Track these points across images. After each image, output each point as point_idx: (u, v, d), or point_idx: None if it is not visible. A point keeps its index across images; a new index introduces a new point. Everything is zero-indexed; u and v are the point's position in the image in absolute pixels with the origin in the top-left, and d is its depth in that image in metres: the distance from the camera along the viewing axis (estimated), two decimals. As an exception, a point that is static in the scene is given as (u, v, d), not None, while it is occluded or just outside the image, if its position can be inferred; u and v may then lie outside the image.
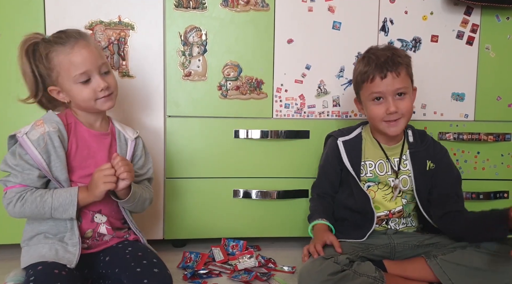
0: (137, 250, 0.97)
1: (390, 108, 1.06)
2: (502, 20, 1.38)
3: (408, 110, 1.09)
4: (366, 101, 1.12)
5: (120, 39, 1.25)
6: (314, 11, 1.32)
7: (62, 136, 0.95)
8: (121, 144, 1.05)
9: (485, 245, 1.02)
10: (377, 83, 1.07)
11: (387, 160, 1.14)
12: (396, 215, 1.15)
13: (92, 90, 0.97)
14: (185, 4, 1.27)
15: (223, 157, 1.33)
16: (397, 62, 1.07)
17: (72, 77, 0.95)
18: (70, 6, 1.22)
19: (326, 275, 0.95)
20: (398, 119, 1.08)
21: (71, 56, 0.95)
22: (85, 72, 0.96)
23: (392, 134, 1.10)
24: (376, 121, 1.11)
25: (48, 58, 0.96)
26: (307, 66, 1.34)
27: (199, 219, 1.34)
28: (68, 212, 0.92)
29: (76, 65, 0.95)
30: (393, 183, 1.13)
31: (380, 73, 1.06)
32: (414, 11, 1.35)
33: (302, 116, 1.35)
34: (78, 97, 0.98)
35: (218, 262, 1.23)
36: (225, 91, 1.31)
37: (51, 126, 0.94)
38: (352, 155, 1.15)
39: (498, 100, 1.41)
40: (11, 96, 1.21)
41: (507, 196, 1.42)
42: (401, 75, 1.07)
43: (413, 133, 1.17)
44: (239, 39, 1.30)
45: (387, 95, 1.07)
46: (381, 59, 1.08)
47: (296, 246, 1.40)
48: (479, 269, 0.99)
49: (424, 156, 1.14)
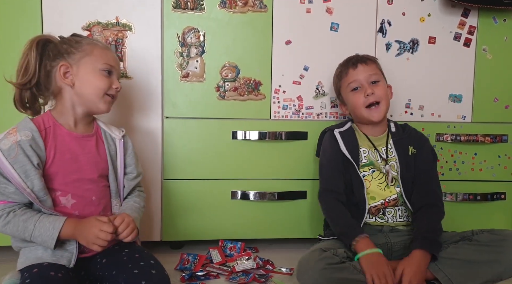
0: (134, 251, 0.96)
1: (367, 90, 1.17)
2: (499, 22, 1.39)
3: (385, 94, 1.19)
4: (346, 95, 1.23)
5: (117, 40, 1.25)
6: (312, 12, 1.32)
7: (36, 144, 0.91)
8: (110, 145, 1.04)
9: (476, 237, 1.05)
10: (351, 74, 1.20)
11: (375, 150, 1.20)
12: (391, 203, 1.17)
13: (109, 83, 1.00)
14: (183, 5, 1.27)
15: (221, 158, 1.33)
16: (365, 58, 1.22)
17: (100, 64, 0.98)
18: (67, 7, 1.22)
19: (324, 264, 0.97)
20: (378, 103, 1.18)
21: (106, 51, 1.01)
22: (112, 67, 1.01)
23: (376, 119, 1.18)
24: (359, 109, 1.19)
25: (78, 42, 0.98)
26: (305, 68, 1.34)
27: (196, 221, 1.34)
28: (47, 244, 0.88)
29: (108, 57, 1.00)
30: (384, 169, 1.18)
31: (352, 65, 1.21)
32: (411, 13, 1.36)
33: (300, 117, 1.35)
34: (95, 83, 0.98)
35: (216, 263, 1.22)
36: (223, 93, 1.31)
37: (23, 135, 0.90)
38: (349, 143, 1.20)
39: (495, 101, 1.41)
40: (8, 98, 1.20)
41: (504, 197, 1.43)
42: (370, 65, 1.21)
43: (395, 125, 1.25)
44: (237, 40, 1.30)
45: (363, 82, 1.19)
46: (351, 58, 1.25)
47: (294, 247, 1.40)
48: (472, 261, 1.01)
49: (407, 142, 1.22)
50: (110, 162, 1.02)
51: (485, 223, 1.42)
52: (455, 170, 1.42)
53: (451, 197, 1.40)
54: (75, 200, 0.95)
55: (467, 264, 1.01)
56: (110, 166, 1.02)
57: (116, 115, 1.25)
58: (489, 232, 1.05)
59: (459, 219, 1.41)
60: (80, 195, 0.96)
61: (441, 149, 1.40)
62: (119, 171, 1.05)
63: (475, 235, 1.06)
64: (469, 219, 1.42)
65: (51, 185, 0.94)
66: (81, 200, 0.96)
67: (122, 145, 1.05)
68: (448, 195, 1.40)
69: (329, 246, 1.06)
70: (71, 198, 0.95)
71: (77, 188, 0.95)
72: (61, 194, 0.94)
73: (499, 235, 1.03)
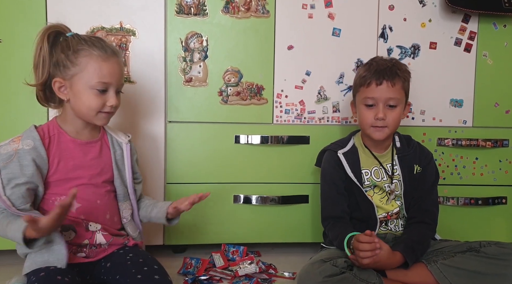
0: (138, 256, 0.97)
1: (379, 114, 1.12)
2: (499, 27, 1.40)
3: (395, 122, 1.14)
4: (359, 105, 1.18)
5: (121, 45, 1.26)
6: (314, 18, 1.33)
7: (37, 153, 0.92)
8: (116, 150, 1.04)
9: (484, 250, 1.04)
10: (372, 89, 1.13)
11: (381, 166, 1.19)
12: (394, 216, 1.19)
13: (103, 102, 0.96)
14: (186, 10, 1.28)
15: (223, 162, 1.33)
16: (395, 73, 1.13)
17: (92, 82, 0.94)
18: (72, 12, 1.23)
19: (323, 277, 0.97)
20: (383, 127, 1.14)
21: (102, 64, 0.94)
22: (107, 84, 0.95)
23: (377, 138, 1.15)
24: (365, 125, 1.16)
25: (76, 53, 0.94)
26: (307, 72, 1.35)
27: (199, 225, 1.34)
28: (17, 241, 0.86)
29: (103, 74, 0.94)
30: (388, 188, 1.18)
31: (377, 79, 1.12)
32: (413, 19, 1.37)
33: (302, 122, 1.36)
34: (85, 102, 0.95)
35: (219, 268, 1.23)
36: (225, 97, 1.32)
37: (25, 144, 0.91)
38: (353, 165, 1.18)
39: (496, 106, 1.42)
40: (12, 101, 1.21)
41: (505, 201, 1.43)
42: (396, 86, 1.12)
43: (400, 139, 1.22)
44: (239, 45, 1.31)
45: (379, 102, 1.13)
46: (381, 67, 1.14)
47: (296, 251, 1.40)
48: (479, 272, 1.01)
49: (412, 159, 1.19)
50: (115, 167, 1.03)
51: (486, 227, 1.43)
52: (456, 174, 1.42)
53: (452, 202, 1.40)
54: (80, 204, 0.96)
55: (473, 274, 1.01)
56: (115, 171, 1.03)
57: (119, 119, 1.26)
58: (496, 245, 1.05)
59: (460, 224, 1.42)
60: (85, 199, 0.97)
61: (442, 153, 1.41)
62: (127, 175, 1.05)
63: (482, 247, 1.05)
64: (471, 224, 1.42)
65: (56, 190, 0.95)
66: (87, 204, 0.97)
67: (129, 149, 1.06)
68: (450, 199, 1.40)
69: (330, 255, 1.06)
70: (76, 202, 0.95)
71: (81, 192, 0.96)
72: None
73: (507, 248, 1.03)
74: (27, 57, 1.19)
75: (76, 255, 0.95)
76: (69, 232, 0.95)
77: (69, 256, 0.91)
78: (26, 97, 1.21)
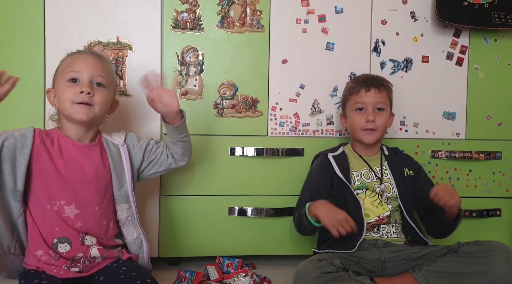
0: (131, 269, 0.97)
1: (369, 116, 1.21)
2: (490, 42, 1.43)
3: (383, 125, 1.24)
4: (350, 112, 1.27)
5: (118, 59, 1.28)
6: (308, 32, 1.36)
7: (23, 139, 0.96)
8: (112, 153, 1.06)
9: (463, 249, 1.07)
10: (362, 95, 1.24)
11: (370, 169, 1.24)
12: (385, 220, 1.20)
13: (73, 91, 0.99)
14: (182, 25, 1.31)
15: (218, 174, 1.34)
16: (381, 83, 1.26)
17: (64, 74, 1.00)
18: (69, 27, 1.25)
19: (320, 272, 1.00)
20: (374, 130, 1.22)
21: (74, 58, 1.03)
22: (76, 72, 1.00)
23: (367, 141, 1.23)
24: (356, 129, 1.24)
25: (61, 61, 1.04)
26: (301, 86, 1.37)
27: (194, 237, 1.34)
28: None
29: (73, 66, 1.01)
30: (379, 188, 1.21)
31: (365, 87, 1.24)
32: (405, 33, 1.40)
33: (297, 134, 1.37)
34: (62, 96, 1.00)
35: (213, 280, 1.22)
36: (221, 110, 1.34)
37: (17, 131, 0.98)
38: (342, 167, 1.23)
39: (488, 119, 1.44)
40: (9, 113, 1.22)
41: (499, 213, 1.44)
42: (382, 93, 1.24)
43: (387, 149, 1.30)
44: (235, 59, 1.33)
45: (368, 106, 1.23)
46: (368, 77, 1.28)
47: (291, 264, 1.39)
48: (460, 273, 1.03)
49: (401, 165, 1.27)
50: (113, 168, 1.04)
51: (481, 239, 1.42)
52: (450, 186, 1.43)
53: (446, 213, 1.41)
54: (79, 210, 0.97)
55: (455, 276, 1.03)
56: (113, 173, 1.04)
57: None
58: (475, 243, 1.08)
59: (454, 236, 1.41)
60: (83, 206, 0.98)
61: (436, 165, 1.42)
62: (126, 177, 1.06)
63: (461, 246, 1.08)
64: (465, 236, 1.41)
65: (56, 192, 0.97)
66: (84, 211, 0.98)
67: (126, 150, 1.08)
68: (444, 211, 1.41)
69: (325, 257, 1.09)
70: (75, 208, 0.97)
71: (81, 196, 0.98)
72: (65, 203, 0.97)
73: (485, 246, 1.06)
74: (26, 71, 1.22)
75: (70, 269, 0.95)
76: (64, 244, 0.95)
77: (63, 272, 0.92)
78: (24, 110, 1.23)
